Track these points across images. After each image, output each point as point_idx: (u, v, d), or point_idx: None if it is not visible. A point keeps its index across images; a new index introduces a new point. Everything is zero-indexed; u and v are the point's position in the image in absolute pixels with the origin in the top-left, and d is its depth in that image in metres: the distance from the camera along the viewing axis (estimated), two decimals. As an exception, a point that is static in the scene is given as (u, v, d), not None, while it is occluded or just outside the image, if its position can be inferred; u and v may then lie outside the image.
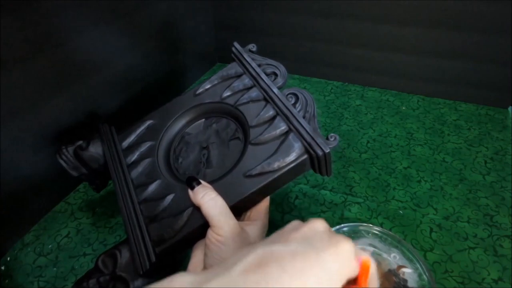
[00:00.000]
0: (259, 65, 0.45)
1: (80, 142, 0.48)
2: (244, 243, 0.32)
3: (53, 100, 0.53)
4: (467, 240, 0.52)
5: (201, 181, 0.36)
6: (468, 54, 0.75)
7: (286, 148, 0.37)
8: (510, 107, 0.78)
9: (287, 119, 0.39)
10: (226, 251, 0.31)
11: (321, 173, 0.38)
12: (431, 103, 0.82)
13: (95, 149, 0.48)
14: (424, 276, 0.45)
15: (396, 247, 0.49)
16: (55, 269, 0.50)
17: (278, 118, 0.40)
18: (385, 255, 0.48)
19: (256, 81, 0.44)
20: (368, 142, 0.71)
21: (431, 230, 0.53)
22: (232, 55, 0.48)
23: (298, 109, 0.40)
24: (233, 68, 0.47)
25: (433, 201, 0.58)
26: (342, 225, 0.52)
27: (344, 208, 0.57)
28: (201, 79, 0.95)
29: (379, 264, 0.47)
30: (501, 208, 0.56)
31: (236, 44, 0.48)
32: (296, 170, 0.37)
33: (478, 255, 0.50)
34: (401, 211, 0.56)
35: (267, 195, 0.39)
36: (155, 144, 0.45)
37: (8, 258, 0.52)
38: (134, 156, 0.44)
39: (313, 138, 0.36)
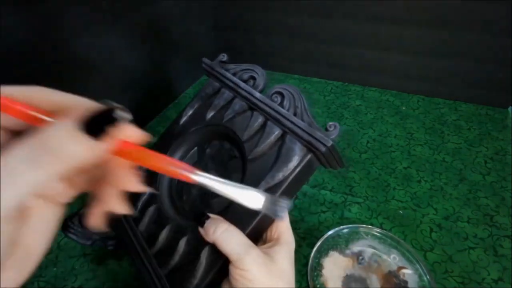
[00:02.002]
0: (234, 74, 0.42)
1: (83, 210, 0.47)
2: (273, 271, 0.29)
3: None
4: (467, 240, 0.52)
5: (210, 214, 0.33)
6: (468, 54, 0.75)
7: (286, 154, 0.34)
8: (510, 107, 0.78)
9: (278, 122, 0.36)
10: (254, 285, 0.28)
11: (332, 167, 0.35)
12: (431, 103, 0.82)
13: None
14: (424, 277, 0.45)
15: (396, 248, 0.49)
16: (55, 269, 0.50)
17: (268, 123, 0.37)
18: (385, 256, 0.48)
19: (235, 92, 0.41)
20: (368, 142, 0.71)
21: (431, 230, 0.53)
22: (205, 73, 0.45)
23: (286, 107, 0.36)
24: (209, 85, 0.44)
25: (433, 201, 0.58)
26: (342, 226, 0.52)
27: (344, 208, 0.57)
28: (200, 79, 0.95)
29: (379, 266, 0.47)
30: (501, 208, 0.56)
31: (205, 59, 0.45)
32: (304, 173, 0.34)
33: (478, 255, 0.50)
34: (401, 211, 0.56)
35: None
36: (154, 189, 0.42)
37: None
38: (138, 207, 0.42)
39: (310, 135, 0.33)
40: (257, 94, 0.38)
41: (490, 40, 0.72)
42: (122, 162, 0.18)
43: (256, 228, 0.33)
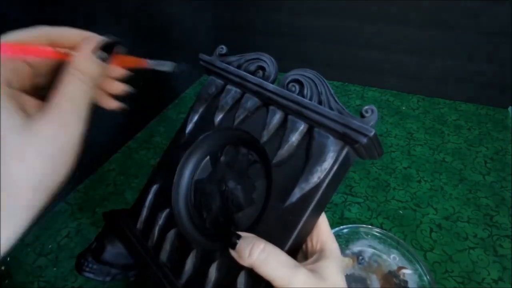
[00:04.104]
0: (238, 67, 0.36)
1: (95, 244, 0.43)
2: None
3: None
4: (467, 240, 0.52)
5: (241, 233, 0.28)
6: (468, 54, 0.75)
7: (318, 151, 0.29)
8: (510, 107, 0.78)
9: (301, 115, 0.30)
10: None
11: (371, 158, 0.30)
12: (431, 103, 0.82)
13: (113, 245, 0.43)
14: (424, 277, 0.45)
15: (396, 248, 0.49)
16: (55, 269, 0.50)
17: (289, 118, 0.31)
18: (385, 256, 0.48)
19: (244, 87, 0.35)
20: (368, 142, 0.71)
21: (431, 230, 0.53)
22: (205, 71, 0.40)
23: (308, 96, 0.31)
24: (211, 84, 0.38)
25: (433, 201, 0.58)
26: (342, 226, 0.52)
27: (344, 208, 0.57)
28: (200, 79, 0.95)
29: (379, 266, 0.47)
30: (501, 208, 0.56)
31: (202, 55, 0.39)
32: (342, 170, 0.29)
33: (478, 255, 0.50)
34: (401, 211, 0.56)
35: (321, 212, 0.31)
36: (171, 210, 0.37)
37: (8, 258, 0.52)
38: (155, 234, 0.37)
39: (345, 125, 0.27)
40: (270, 86, 0.33)
41: (490, 40, 0.72)
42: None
43: (295, 241, 0.28)
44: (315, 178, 0.28)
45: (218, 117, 0.37)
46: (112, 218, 0.41)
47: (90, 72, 0.23)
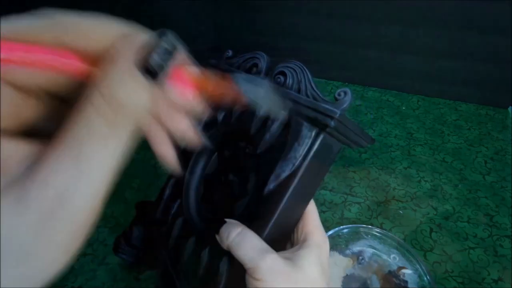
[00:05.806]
0: (238, 67, 0.39)
1: (127, 229, 0.50)
2: (296, 281, 0.25)
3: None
4: (467, 240, 0.52)
5: (227, 219, 0.29)
6: (468, 54, 0.75)
7: (294, 139, 0.29)
8: (510, 107, 0.78)
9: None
10: None
11: (360, 145, 0.31)
12: (431, 103, 0.82)
13: (140, 231, 0.49)
14: (424, 277, 0.45)
15: (396, 248, 0.49)
16: (55, 269, 0.50)
17: None
18: (385, 257, 0.48)
19: None
20: (368, 142, 0.71)
21: (431, 230, 0.53)
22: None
23: (290, 85, 0.32)
24: None
25: (433, 201, 0.58)
26: (342, 226, 0.52)
27: (344, 208, 0.57)
28: (201, 79, 0.95)
29: (379, 266, 0.47)
30: (501, 208, 0.56)
31: (211, 61, 0.42)
32: (322, 158, 0.29)
33: (478, 255, 0.50)
34: (401, 211, 0.56)
35: (306, 202, 0.31)
36: (181, 201, 0.40)
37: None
38: (168, 223, 0.40)
39: (314, 109, 0.28)
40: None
41: (490, 40, 0.71)
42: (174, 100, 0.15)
43: (274, 229, 0.29)
44: (289, 165, 0.29)
45: (221, 115, 0.40)
46: (140, 208, 0.50)
47: (129, 105, 0.12)
